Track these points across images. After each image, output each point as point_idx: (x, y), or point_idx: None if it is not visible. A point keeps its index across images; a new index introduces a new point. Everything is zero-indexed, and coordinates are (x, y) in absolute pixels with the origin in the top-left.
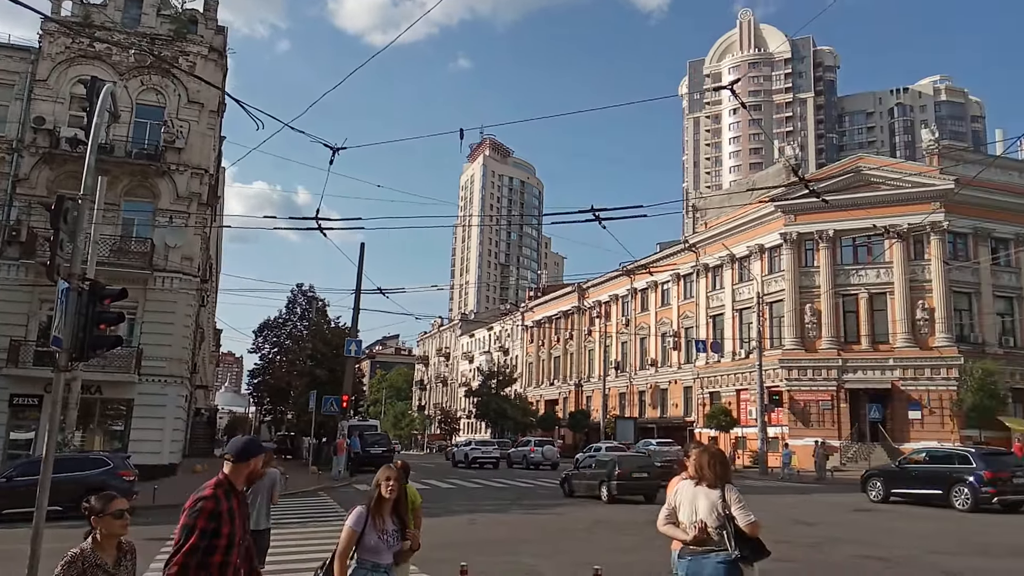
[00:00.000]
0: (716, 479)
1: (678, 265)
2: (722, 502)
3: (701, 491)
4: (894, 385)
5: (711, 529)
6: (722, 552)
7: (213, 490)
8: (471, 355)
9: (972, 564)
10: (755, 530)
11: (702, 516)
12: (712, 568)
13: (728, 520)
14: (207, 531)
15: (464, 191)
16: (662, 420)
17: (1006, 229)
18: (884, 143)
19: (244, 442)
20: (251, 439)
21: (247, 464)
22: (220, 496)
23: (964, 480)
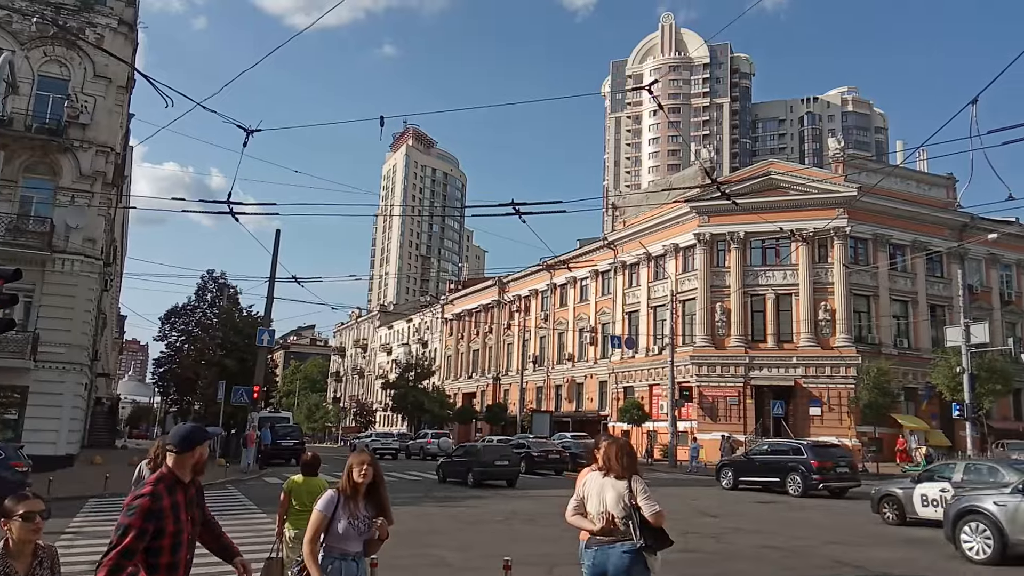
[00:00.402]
0: (623, 470)
1: (597, 262)
2: (629, 493)
3: (609, 482)
4: (797, 382)
5: (618, 519)
6: (627, 542)
7: (153, 486)
8: (389, 347)
9: (868, 554)
10: (659, 520)
11: (609, 507)
12: (617, 558)
13: (634, 510)
14: (146, 531)
15: (386, 181)
16: (577, 414)
17: (903, 236)
18: (794, 149)
19: (187, 430)
20: (195, 426)
21: (192, 454)
22: (161, 492)
23: (797, 469)
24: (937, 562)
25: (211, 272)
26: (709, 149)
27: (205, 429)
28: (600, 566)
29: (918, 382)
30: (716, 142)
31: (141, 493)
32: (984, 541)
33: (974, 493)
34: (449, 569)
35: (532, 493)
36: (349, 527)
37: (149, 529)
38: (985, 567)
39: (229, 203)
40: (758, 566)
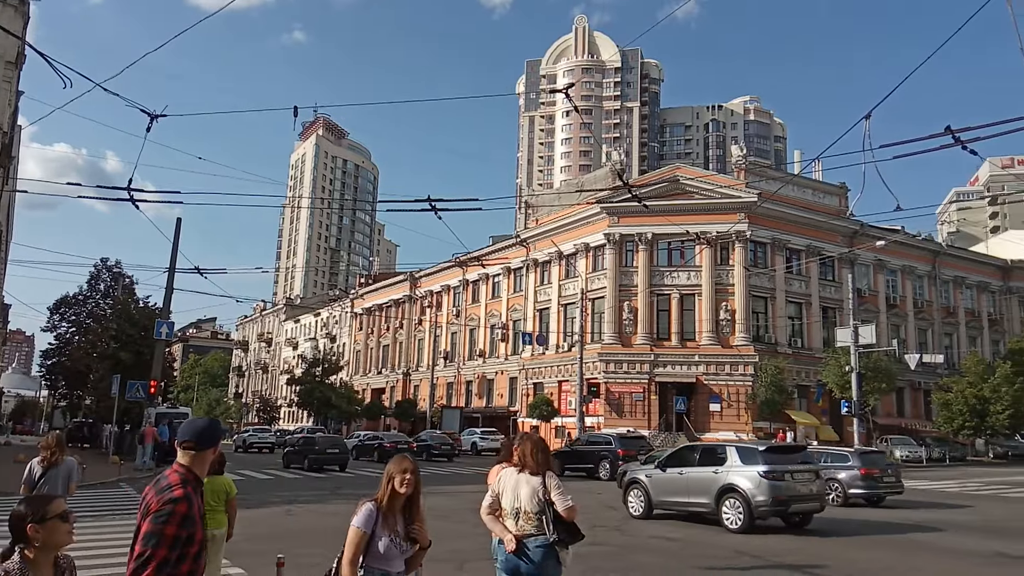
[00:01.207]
0: (538, 466)
1: (510, 259)
2: (543, 488)
3: (524, 478)
4: (698, 379)
5: (532, 514)
6: (541, 536)
7: (183, 488)
8: (295, 341)
9: (765, 544)
10: (572, 514)
11: (523, 502)
12: (533, 551)
13: (547, 505)
14: (180, 539)
15: (294, 170)
16: (487, 410)
17: (799, 241)
18: (699, 155)
19: (205, 424)
20: (213, 421)
21: (213, 451)
22: (192, 496)
23: (607, 457)
24: (837, 550)
25: (105, 260)
26: (619, 151)
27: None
28: (512, 561)
29: (810, 380)
30: (626, 145)
31: (174, 497)
32: (639, 501)
33: (636, 467)
34: None
35: (444, 490)
36: (391, 545)
37: (183, 537)
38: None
39: (129, 189)
40: (660, 557)
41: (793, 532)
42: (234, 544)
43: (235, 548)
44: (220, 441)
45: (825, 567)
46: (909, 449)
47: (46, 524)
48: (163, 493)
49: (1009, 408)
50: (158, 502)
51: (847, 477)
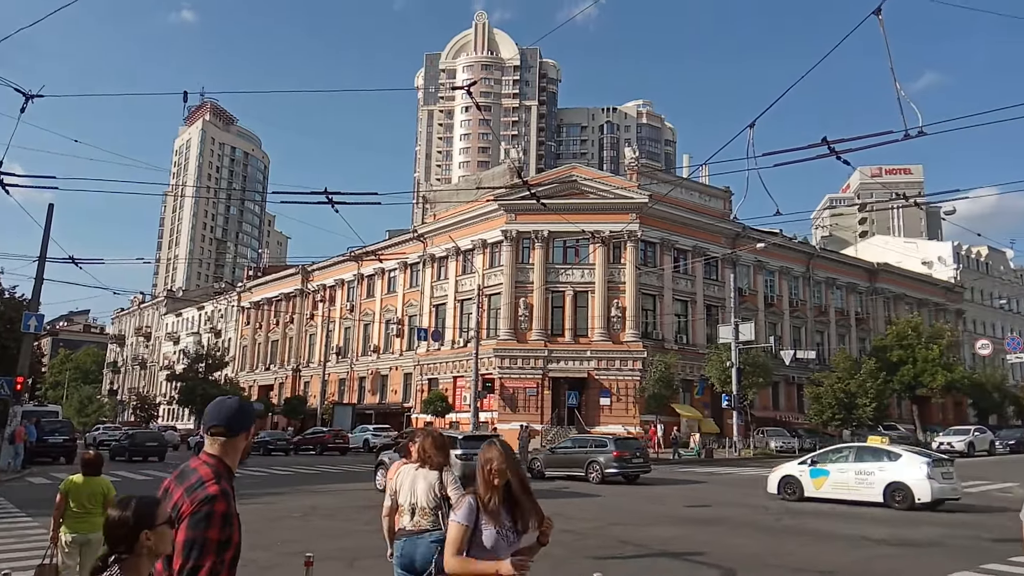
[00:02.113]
0: (435, 463)
1: (406, 254)
2: (439, 484)
3: (421, 473)
4: (590, 374)
5: (428, 510)
6: (436, 532)
7: (218, 483)
8: (177, 336)
9: (650, 533)
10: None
11: (420, 497)
12: (425, 547)
13: (443, 501)
14: (221, 543)
15: (178, 156)
16: (381, 406)
17: (686, 241)
18: (594, 156)
19: (236, 405)
20: (244, 401)
21: (246, 436)
22: (228, 490)
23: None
24: (716, 537)
25: None
26: (518, 149)
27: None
28: (408, 556)
29: (694, 375)
30: (524, 143)
31: (210, 495)
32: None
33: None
34: (249, 567)
35: (332, 488)
36: (498, 537)
37: (224, 539)
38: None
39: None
40: (552, 549)
41: (675, 523)
42: None
43: None
44: (253, 424)
45: (704, 553)
46: (783, 440)
47: (157, 531)
48: (196, 491)
49: (873, 401)
50: (192, 502)
51: (604, 459)
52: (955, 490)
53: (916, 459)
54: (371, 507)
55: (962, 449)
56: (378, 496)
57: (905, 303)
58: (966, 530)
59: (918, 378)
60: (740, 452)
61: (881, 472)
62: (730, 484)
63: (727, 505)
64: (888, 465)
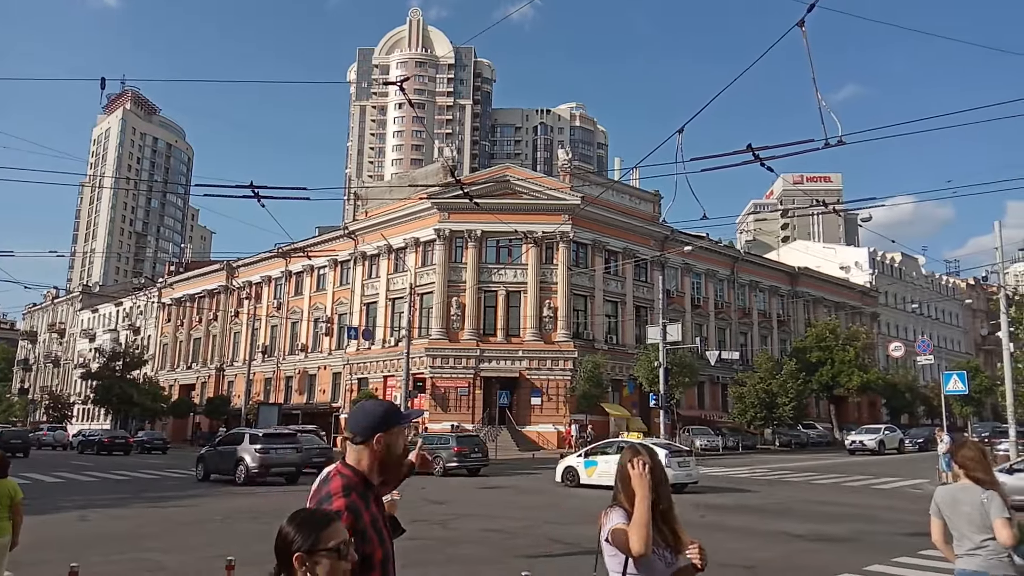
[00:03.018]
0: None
1: (337, 251)
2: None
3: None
4: (521, 374)
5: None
6: None
7: (344, 495)
8: (93, 333)
9: (579, 532)
10: (391, 509)
11: None
12: None
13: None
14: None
15: (96, 146)
16: (308, 406)
17: (617, 243)
18: (528, 156)
19: (369, 409)
20: (381, 404)
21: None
22: (357, 504)
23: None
24: None
25: None
26: (451, 148)
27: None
28: None
29: (624, 375)
30: (458, 141)
31: (333, 509)
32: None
33: None
34: (166, 573)
35: (255, 491)
36: (655, 558)
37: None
38: None
39: None
40: (481, 548)
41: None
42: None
43: (19, 558)
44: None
45: None
46: (707, 438)
47: (315, 556)
48: (324, 504)
49: (793, 401)
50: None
51: (446, 455)
52: (690, 476)
53: (659, 452)
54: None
55: (873, 447)
56: (300, 500)
57: (824, 306)
58: (881, 525)
59: (836, 378)
60: None
61: None
62: None
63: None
64: None
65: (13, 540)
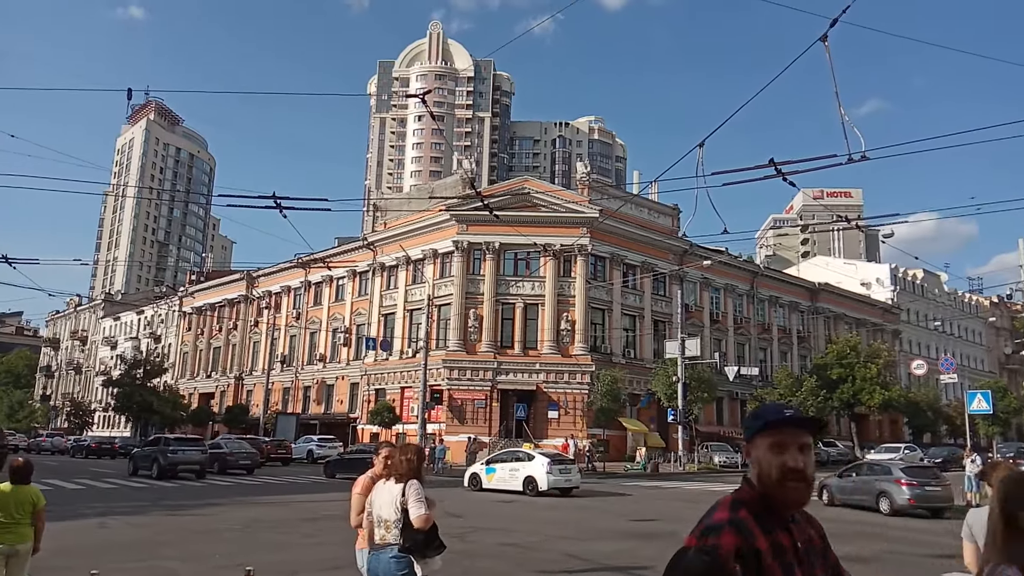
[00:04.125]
0: (401, 475)
1: (356, 262)
2: (402, 497)
3: (388, 486)
4: (538, 387)
5: (391, 523)
6: (396, 545)
7: (731, 511)
8: (114, 340)
9: (594, 548)
10: (422, 523)
11: (383, 510)
12: (385, 562)
13: (404, 514)
14: None
15: (120, 156)
16: (326, 416)
17: (635, 257)
18: (546, 169)
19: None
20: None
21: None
22: (747, 524)
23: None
24: (664, 553)
25: None
26: (470, 160)
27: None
28: (373, 571)
29: (641, 389)
30: (477, 154)
31: (712, 524)
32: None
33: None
34: None
35: (274, 500)
36: None
37: None
38: None
39: None
40: (499, 563)
41: (618, 538)
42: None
43: (40, 564)
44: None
45: (650, 568)
46: (726, 455)
47: None
48: (703, 519)
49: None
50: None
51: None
52: (569, 481)
53: (541, 460)
54: (314, 520)
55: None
56: (321, 508)
57: (845, 322)
58: (905, 546)
59: (856, 396)
60: (685, 466)
61: (522, 469)
62: (669, 498)
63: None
64: (526, 464)
65: (35, 546)
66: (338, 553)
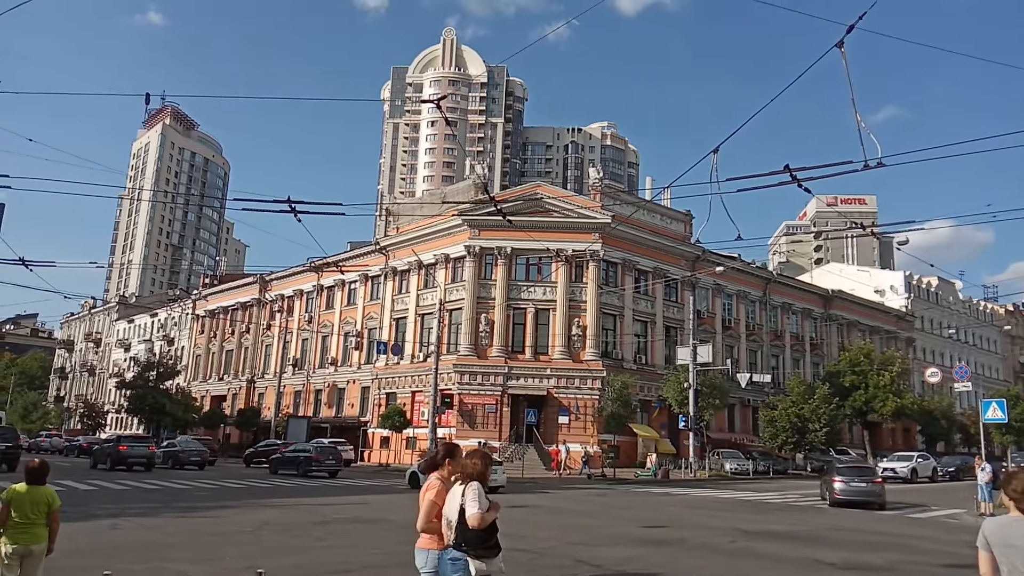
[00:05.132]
0: (467, 476)
1: (368, 266)
2: (461, 497)
3: (455, 488)
4: (549, 392)
5: (454, 524)
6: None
7: None
8: (128, 343)
9: (605, 554)
10: (476, 521)
11: (448, 512)
12: (444, 563)
13: (462, 513)
14: None
15: (136, 160)
16: (337, 419)
17: (647, 263)
18: (559, 175)
19: None
20: None
21: None
22: None
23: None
24: (674, 559)
25: None
26: (483, 165)
27: None
28: (435, 571)
29: (652, 395)
30: (489, 159)
31: None
32: None
33: None
34: None
35: (286, 503)
36: None
37: None
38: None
39: None
40: (508, 568)
41: (628, 543)
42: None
43: (54, 565)
44: None
45: (660, 575)
46: (737, 462)
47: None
48: None
49: (826, 426)
50: None
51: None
52: (494, 480)
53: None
54: (326, 523)
55: (905, 475)
56: (331, 511)
57: (858, 330)
58: (918, 556)
59: (869, 403)
60: (695, 473)
61: None
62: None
63: (679, 525)
64: None
65: (49, 547)
66: (349, 556)
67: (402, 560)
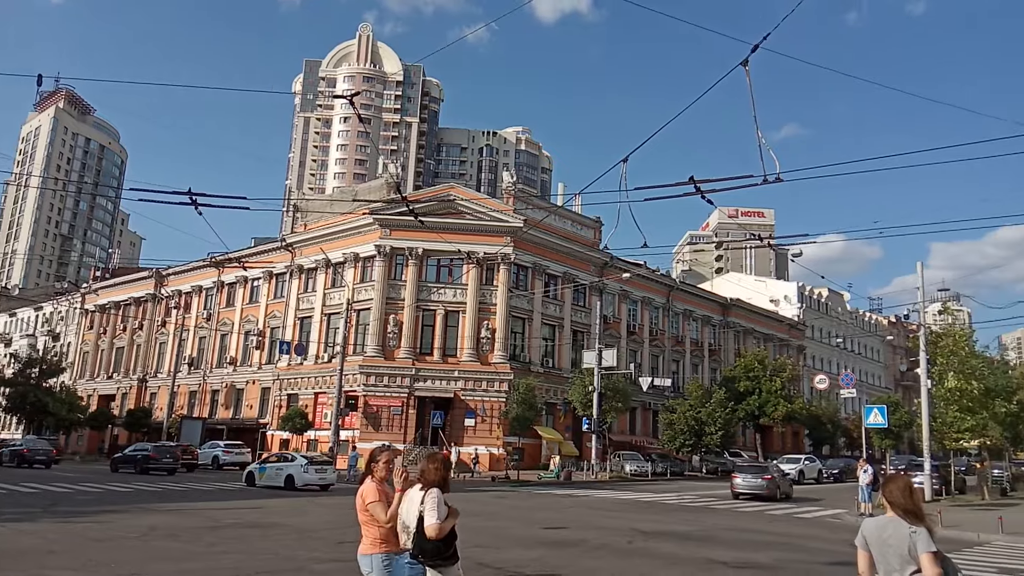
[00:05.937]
0: (428, 482)
1: (273, 263)
2: (420, 504)
3: (413, 493)
4: (456, 395)
5: (411, 530)
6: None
7: None
8: (8, 337)
9: (505, 556)
10: (434, 532)
11: (406, 516)
12: (400, 567)
13: (420, 521)
14: None
15: (24, 144)
16: (234, 421)
17: (557, 267)
18: (473, 177)
19: None
20: None
21: None
22: None
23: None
24: (574, 560)
25: None
26: (396, 164)
27: None
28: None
29: (558, 398)
30: (403, 159)
31: None
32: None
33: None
34: None
35: (176, 507)
36: None
37: None
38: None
39: None
40: None
41: (530, 545)
42: None
43: None
44: None
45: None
46: (637, 464)
47: None
48: None
49: (721, 429)
50: None
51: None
52: (323, 479)
53: (300, 460)
54: (218, 528)
55: (793, 477)
56: (223, 516)
57: (753, 337)
58: (803, 554)
59: (762, 408)
60: (597, 475)
61: (285, 469)
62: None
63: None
64: (289, 464)
65: None
66: (241, 563)
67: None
